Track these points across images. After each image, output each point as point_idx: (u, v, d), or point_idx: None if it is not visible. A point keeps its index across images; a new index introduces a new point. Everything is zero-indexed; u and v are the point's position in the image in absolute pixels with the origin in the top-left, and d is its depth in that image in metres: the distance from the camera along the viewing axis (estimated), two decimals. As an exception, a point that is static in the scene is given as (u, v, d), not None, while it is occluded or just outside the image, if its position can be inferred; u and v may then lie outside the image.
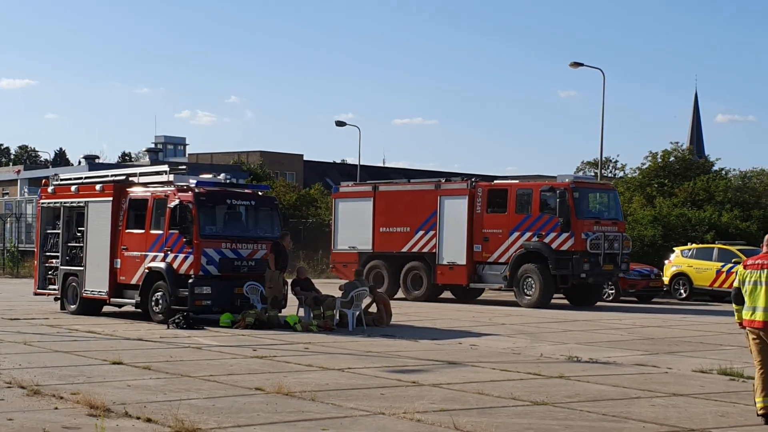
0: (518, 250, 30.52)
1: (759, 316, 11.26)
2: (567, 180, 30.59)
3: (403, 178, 35.93)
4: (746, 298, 11.42)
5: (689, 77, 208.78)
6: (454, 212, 32.07)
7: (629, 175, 55.39)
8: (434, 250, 32.44)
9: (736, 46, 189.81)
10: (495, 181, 32.50)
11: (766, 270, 11.28)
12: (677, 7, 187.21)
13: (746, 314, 11.42)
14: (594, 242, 29.67)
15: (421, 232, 32.83)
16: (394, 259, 33.61)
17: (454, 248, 31.95)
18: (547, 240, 30.01)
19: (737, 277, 11.68)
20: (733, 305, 11.79)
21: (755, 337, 11.36)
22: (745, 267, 11.60)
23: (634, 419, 11.37)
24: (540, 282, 30.00)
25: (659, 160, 52.89)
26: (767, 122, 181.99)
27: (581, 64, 46.67)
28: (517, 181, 32.28)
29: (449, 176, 34.14)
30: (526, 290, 30.41)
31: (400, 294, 33.32)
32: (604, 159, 52.49)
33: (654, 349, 19.10)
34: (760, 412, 11.25)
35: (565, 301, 32.12)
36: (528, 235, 30.40)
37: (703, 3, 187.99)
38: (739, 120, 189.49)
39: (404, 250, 33.26)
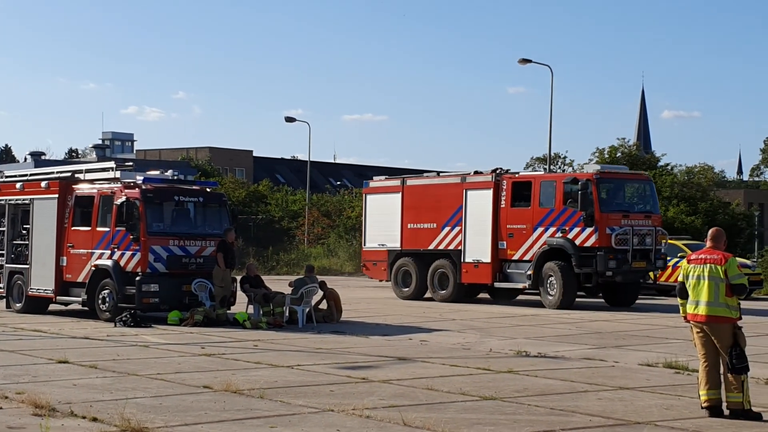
0: (542, 246, 27.98)
1: (702, 310, 11.43)
2: (592, 170, 28.11)
3: (434, 172, 33.11)
4: (690, 292, 11.59)
5: (636, 74, 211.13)
6: (479, 207, 29.57)
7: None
8: (459, 248, 30.01)
9: (682, 43, 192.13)
10: (520, 173, 30.02)
11: (708, 265, 11.45)
12: (625, 5, 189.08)
13: (690, 308, 11.59)
14: (620, 237, 27.03)
15: (447, 228, 30.47)
16: (422, 258, 31.31)
17: (478, 245, 29.48)
18: (570, 236, 27.44)
19: (681, 272, 11.84)
20: (678, 299, 11.94)
21: (699, 330, 11.52)
22: (688, 261, 11.76)
23: (581, 413, 11.46)
24: (561, 281, 27.46)
25: (606, 156, 53.38)
26: (712, 118, 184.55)
27: (530, 61, 46.93)
28: (542, 173, 30.00)
29: (478, 170, 30.77)
30: (550, 290, 27.84)
31: (428, 295, 31.36)
32: (552, 155, 52.88)
33: (601, 343, 19.27)
34: (704, 405, 11.40)
35: (592, 301, 29.77)
36: (552, 230, 27.84)
37: (649, 1, 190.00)
38: (684, 116, 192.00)
39: (431, 247, 30.94)
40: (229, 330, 21.23)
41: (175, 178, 24.18)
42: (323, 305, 23.89)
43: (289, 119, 62.12)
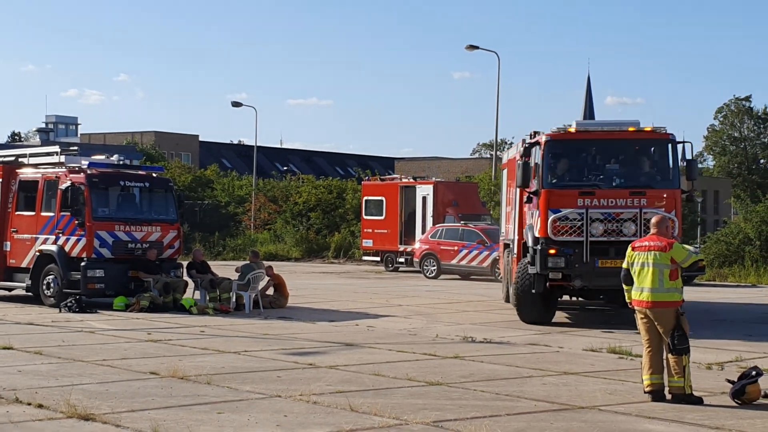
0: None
1: (646, 296, 11.63)
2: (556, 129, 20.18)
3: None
4: (635, 279, 11.78)
5: (582, 60, 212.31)
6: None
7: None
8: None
9: (627, 29, 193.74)
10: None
11: (653, 252, 11.65)
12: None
13: (635, 294, 11.78)
14: (562, 224, 19.13)
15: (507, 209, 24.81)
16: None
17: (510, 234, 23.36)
18: (531, 222, 20.33)
19: (626, 259, 12.02)
20: (624, 285, 12.12)
21: (643, 316, 11.72)
22: (633, 249, 11.96)
23: (527, 398, 11.59)
24: (513, 287, 21.03)
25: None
26: (656, 105, 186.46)
27: (477, 47, 47.12)
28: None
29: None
30: None
31: None
32: (499, 141, 53.17)
33: (546, 329, 19.44)
34: (647, 390, 11.58)
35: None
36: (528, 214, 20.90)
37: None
38: (628, 102, 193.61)
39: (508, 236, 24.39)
40: (175, 316, 21.15)
41: (121, 162, 24.05)
42: (270, 291, 23.89)
43: (236, 104, 61.83)
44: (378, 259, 42.14)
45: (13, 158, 25.03)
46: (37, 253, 22.98)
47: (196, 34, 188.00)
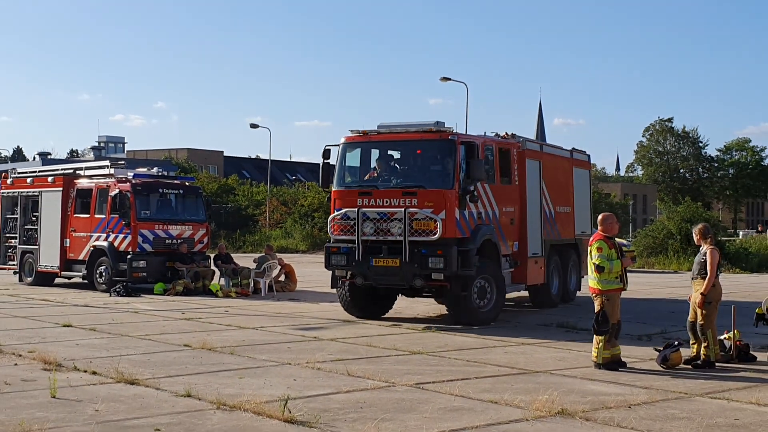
0: None
1: (589, 283, 11.55)
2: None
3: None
4: None
5: (535, 89, 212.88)
6: None
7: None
8: None
9: (571, 64, 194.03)
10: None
11: (589, 246, 11.51)
12: (527, 27, 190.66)
13: None
14: (338, 224, 16.24)
15: None
16: None
17: None
18: None
19: None
20: None
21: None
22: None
23: (492, 364, 11.56)
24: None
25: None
26: (595, 125, 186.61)
27: (449, 79, 47.06)
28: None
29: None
30: None
31: None
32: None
33: (507, 307, 19.38)
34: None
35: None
36: None
37: (544, 26, 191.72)
38: (572, 123, 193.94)
39: None
40: (204, 299, 21.07)
41: (160, 174, 24.07)
42: (281, 277, 23.82)
43: (253, 125, 61.59)
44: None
45: (71, 171, 24.95)
46: (92, 248, 22.92)
47: (221, 71, 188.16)
